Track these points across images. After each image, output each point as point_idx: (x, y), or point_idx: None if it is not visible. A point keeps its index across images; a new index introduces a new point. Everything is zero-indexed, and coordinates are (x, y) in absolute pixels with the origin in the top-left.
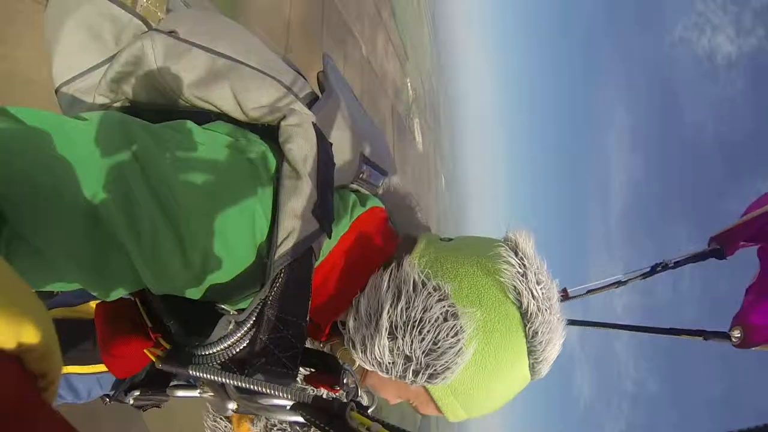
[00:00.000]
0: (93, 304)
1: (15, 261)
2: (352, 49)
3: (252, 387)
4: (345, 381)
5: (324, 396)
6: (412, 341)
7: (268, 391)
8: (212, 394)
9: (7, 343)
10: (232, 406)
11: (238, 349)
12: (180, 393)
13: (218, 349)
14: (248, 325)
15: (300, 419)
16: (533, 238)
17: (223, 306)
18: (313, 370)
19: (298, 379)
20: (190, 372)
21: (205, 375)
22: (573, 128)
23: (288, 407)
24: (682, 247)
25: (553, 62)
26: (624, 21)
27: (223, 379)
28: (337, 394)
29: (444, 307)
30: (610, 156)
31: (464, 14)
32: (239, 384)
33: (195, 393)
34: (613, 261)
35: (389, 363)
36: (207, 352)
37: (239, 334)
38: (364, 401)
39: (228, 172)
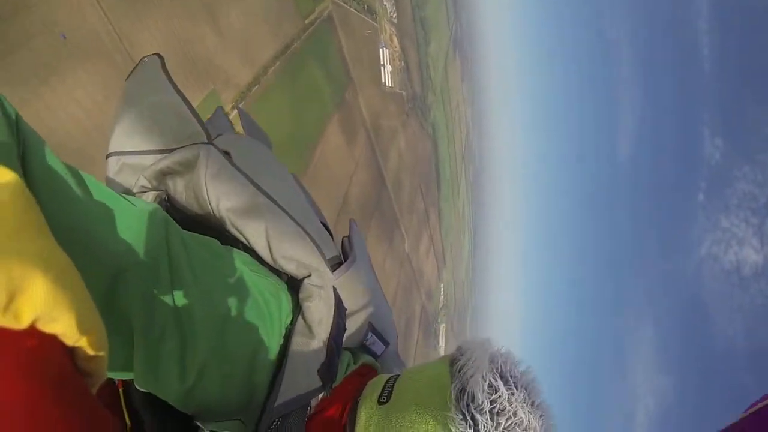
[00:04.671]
0: None
1: None
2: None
3: None
4: None
5: None
6: None
7: None
8: None
9: (70, 339)
10: None
11: None
12: None
13: None
14: None
15: None
16: (509, 362)
17: (198, 423)
18: None
19: None
20: None
21: None
22: (596, 355)
23: None
24: None
25: (578, 290)
26: (649, 246)
27: None
28: None
29: None
30: (637, 381)
31: (500, 233)
32: None
33: None
34: None
35: None
36: None
37: None
38: None
39: (245, 305)
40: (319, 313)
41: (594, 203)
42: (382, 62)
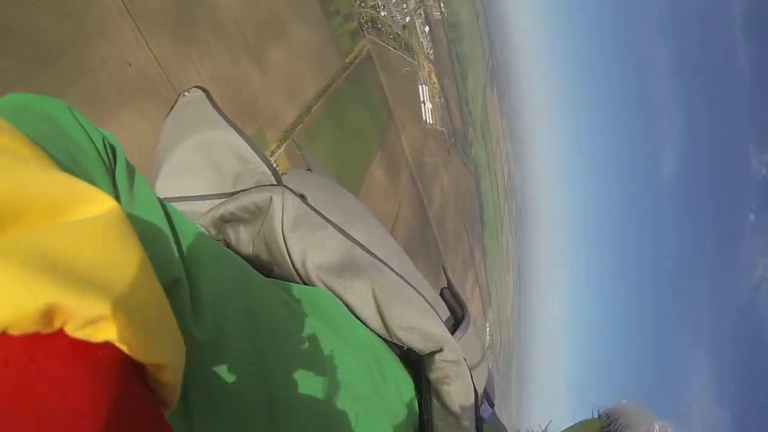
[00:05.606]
0: None
1: None
2: (443, 281)
3: None
4: None
5: None
6: None
7: None
8: None
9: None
10: None
11: None
12: None
13: None
14: None
15: None
16: None
17: None
18: None
19: None
20: None
21: None
22: (648, 383)
23: None
24: None
25: (626, 316)
26: (700, 272)
27: None
28: None
29: None
30: (692, 414)
31: (546, 266)
32: None
33: None
34: None
35: None
36: None
37: None
38: None
39: (364, 394)
40: (462, 397)
41: (640, 227)
42: (422, 99)
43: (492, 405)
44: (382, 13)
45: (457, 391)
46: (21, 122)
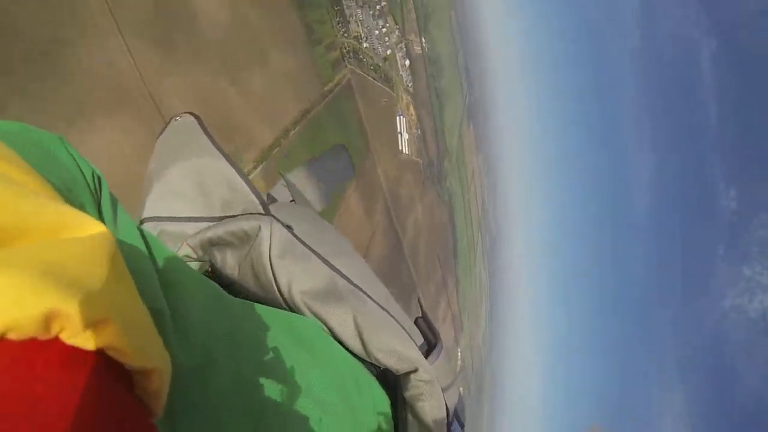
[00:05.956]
0: None
1: None
2: (414, 308)
3: None
4: None
5: None
6: None
7: None
8: None
9: (128, 360)
10: None
11: None
12: None
13: None
14: None
15: None
16: None
17: None
18: None
19: None
20: None
21: None
22: (620, 414)
23: None
24: None
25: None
26: (671, 304)
27: None
28: None
29: None
30: None
31: (518, 297)
32: None
33: None
34: None
35: None
36: None
37: None
38: None
39: (330, 402)
40: (435, 412)
41: (612, 263)
42: (399, 130)
43: (462, 425)
44: (365, 45)
45: (431, 408)
46: (18, 149)
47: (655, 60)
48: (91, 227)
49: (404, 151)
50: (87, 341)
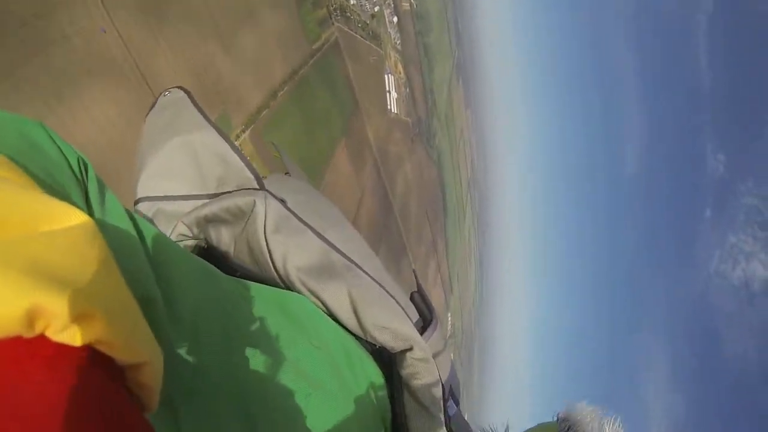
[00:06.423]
0: None
1: None
2: (405, 267)
3: None
4: None
5: None
6: None
7: None
8: None
9: (118, 354)
10: None
11: None
12: None
13: None
14: None
15: None
16: None
17: None
18: None
19: None
20: None
21: None
22: (606, 373)
23: None
24: None
25: (585, 309)
26: (658, 265)
27: None
28: None
29: None
30: (648, 401)
31: (507, 258)
32: None
33: None
34: None
35: None
36: None
37: None
38: None
39: (319, 378)
40: (432, 391)
41: (602, 222)
42: (387, 88)
43: (457, 403)
44: (352, 2)
45: (426, 386)
46: (0, 141)
47: (652, 19)
48: (74, 217)
49: (393, 110)
50: (73, 337)
